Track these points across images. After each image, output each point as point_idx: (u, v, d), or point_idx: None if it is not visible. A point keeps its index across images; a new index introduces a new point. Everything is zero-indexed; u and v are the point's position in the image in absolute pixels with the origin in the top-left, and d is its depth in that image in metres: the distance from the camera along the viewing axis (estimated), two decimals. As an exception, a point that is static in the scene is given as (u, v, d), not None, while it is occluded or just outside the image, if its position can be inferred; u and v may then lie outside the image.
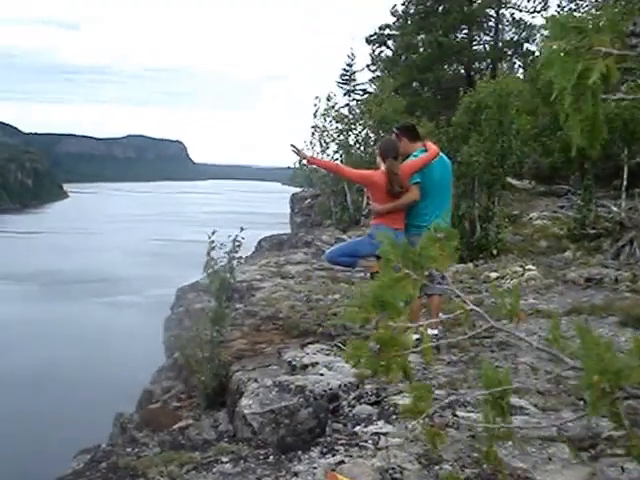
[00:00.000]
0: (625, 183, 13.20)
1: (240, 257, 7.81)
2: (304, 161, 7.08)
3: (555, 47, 2.03)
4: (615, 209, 13.09)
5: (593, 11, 24.24)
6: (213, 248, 6.99)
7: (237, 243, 7.17)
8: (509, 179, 15.70)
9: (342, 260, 6.87)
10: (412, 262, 2.62)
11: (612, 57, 2.00)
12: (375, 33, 33.78)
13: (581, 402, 4.96)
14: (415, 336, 3.17)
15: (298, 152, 6.77)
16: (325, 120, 19.17)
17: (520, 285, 9.32)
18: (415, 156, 6.60)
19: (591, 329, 2.37)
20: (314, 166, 19.26)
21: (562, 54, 2.02)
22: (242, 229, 7.14)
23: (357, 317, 2.68)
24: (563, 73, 2.04)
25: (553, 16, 2.12)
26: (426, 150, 6.62)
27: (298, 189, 23.97)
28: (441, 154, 6.78)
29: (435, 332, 6.30)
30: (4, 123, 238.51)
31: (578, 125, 2.10)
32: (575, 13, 24.77)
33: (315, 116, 19.13)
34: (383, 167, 6.49)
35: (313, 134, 19.12)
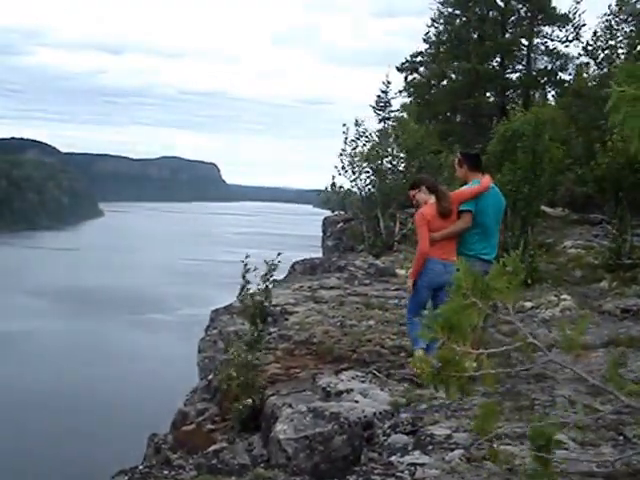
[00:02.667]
0: (661, 213, 13.03)
1: (274, 280, 7.80)
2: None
3: (622, 93, 2.05)
4: (651, 239, 12.89)
5: (628, 41, 24.15)
6: (247, 271, 6.98)
7: (272, 267, 7.17)
8: (542, 207, 15.55)
9: (411, 336, 6.93)
10: (480, 292, 2.64)
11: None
12: (407, 60, 33.82)
13: (621, 437, 4.85)
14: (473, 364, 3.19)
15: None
16: (357, 145, 19.10)
17: (555, 315, 9.19)
18: (472, 184, 6.73)
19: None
20: (347, 190, 19.29)
21: (631, 99, 2.05)
22: (279, 254, 7.13)
23: (426, 336, 2.75)
24: (632, 116, 2.07)
25: (622, 64, 2.18)
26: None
27: (330, 212, 23.86)
28: (497, 190, 6.88)
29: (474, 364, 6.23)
30: (43, 142, 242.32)
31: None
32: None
33: (345, 142, 19.07)
34: (431, 200, 6.63)
35: (342, 159, 19.02)
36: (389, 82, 30.41)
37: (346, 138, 19.08)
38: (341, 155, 18.98)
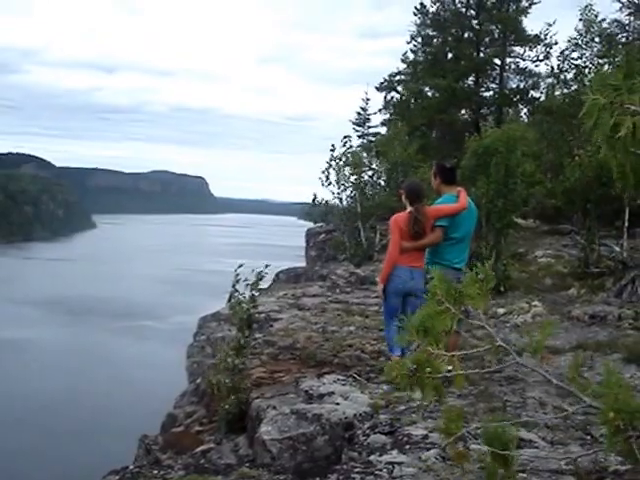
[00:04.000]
0: (627, 224, 13.14)
1: (259, 289, 7.80)
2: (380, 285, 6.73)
3: (594, 100, 2.09)
4: (617, 249, 12.99)
5: (596, 60, 24.35)
6: (238, 281, 6.99)
7: (260, 276, 7.18)
8: (514, 218, 15.64)
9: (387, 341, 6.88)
10: (453, 298, 2.70)
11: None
12: (385, 80, 34.01)
13: (588, 437, 4.89)
14: (447, 367, 3.24)
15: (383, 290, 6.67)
16: (341, 161, 19.12)
17: (526, 321, 9.26)
18: (446, 199, 6.70)
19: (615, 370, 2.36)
20: (329, 204, 19.29)
21: (599, 108, 2.08)
22: (267, 265, 7.16)
23: (402, 340, 2.82)
24: (600, 125, 2.11)
25: (598, 72, 2.23)
26: (457, 197, 6.70)
27: (313, 224, 23.95)
28: (472, 204, 6.90)
29: (450, 367, 6.25)
30: (38, 157, 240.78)
31: (615, 170, 2.21)
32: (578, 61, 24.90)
33: (332, 158, 19.07)
34: (409, 207, 6.59)
35: (327, 174, 19.03)
36: (368, 99, 30.45)
37: (332, 154, 19.13)
38: (327, 170, 19.01)
